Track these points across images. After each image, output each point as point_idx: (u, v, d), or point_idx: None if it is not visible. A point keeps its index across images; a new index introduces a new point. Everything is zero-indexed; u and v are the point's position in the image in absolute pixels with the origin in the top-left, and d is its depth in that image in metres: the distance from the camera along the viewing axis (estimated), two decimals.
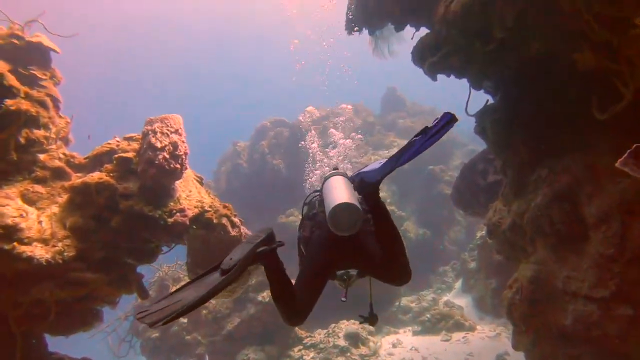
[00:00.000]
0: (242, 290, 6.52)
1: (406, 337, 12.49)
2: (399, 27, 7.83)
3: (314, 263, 2.71)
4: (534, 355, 5.93)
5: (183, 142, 5.75)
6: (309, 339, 11.74)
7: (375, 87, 27.71)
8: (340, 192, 2.58)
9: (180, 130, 5.71)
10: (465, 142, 23.84)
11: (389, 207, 17.17)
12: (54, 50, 7.11)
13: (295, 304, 2.45)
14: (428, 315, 12.71)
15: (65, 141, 7.08)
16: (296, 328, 11.50)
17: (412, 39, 7.52)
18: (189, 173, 6.44)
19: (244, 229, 6.46)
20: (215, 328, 12.11)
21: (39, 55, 6.98)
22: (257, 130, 21.53)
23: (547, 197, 6.33)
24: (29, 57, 6.88)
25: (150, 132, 5.50)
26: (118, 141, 6.12)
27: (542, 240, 6.48)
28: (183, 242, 6.14)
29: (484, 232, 13.52)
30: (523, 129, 6.92)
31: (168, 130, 5.54)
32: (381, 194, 2.85)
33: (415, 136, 2.54)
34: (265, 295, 11.85)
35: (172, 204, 5.60)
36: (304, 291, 2.54)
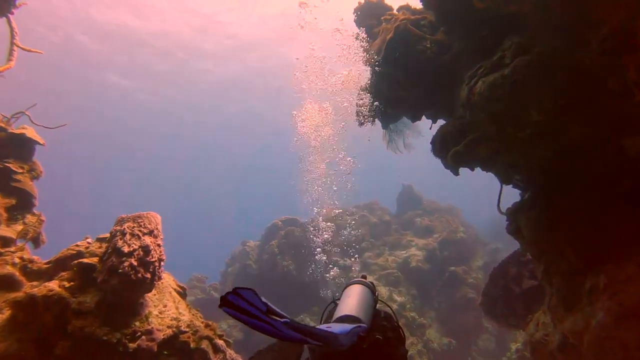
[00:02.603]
0: None
1: None
2: (415, 117, 7.16)
3: None
4: None
5: (159, 245, 4.76)
6: None
7: (390, 185, 27.24)
8: (347, 303, 2.45)
9: (156, 232, 4.76)
10: (487, 241, 22.64)
11: (409, 314, 15.63)
12: (38, 143, 6.53)
13: None
14: None
15: (36, 241, 6.21)
16: None
17: (430, 129, 6.82)
18: (167, 283, 5.37)
19: (230, 353, 5.21)
20: None
21: (20, 147, 6.40)
22: (267, 230, 20.73)
23: (612, 314, 5.11)
24: (9, 149, 6.29)
25: (118, 233, 4.56)
26: (89, 242, 5.18)
27: None
28: None
29: (519, 344, 11.96)
30: (568, 228, 5.84)
31: (140, 231, 4.60)
32: (399, 299, 2.60)
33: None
34: None
35: (137, 323, 4.47)
36: None
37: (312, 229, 18.82)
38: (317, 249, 18.29)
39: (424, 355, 14.82)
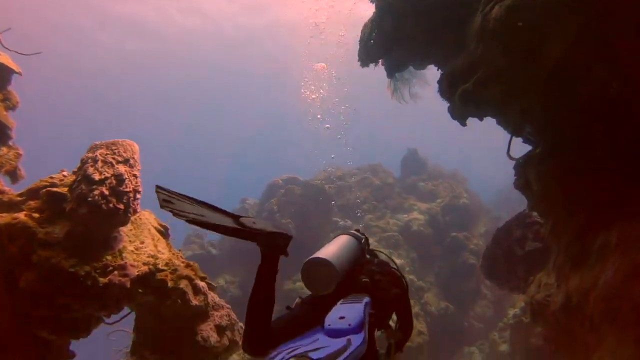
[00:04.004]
0: None
1: None
2: (423, 59, 6.60)
3: (295, 315, 2.41)
4: None
5: (135, 176, 4.35)
6: None
7: (395, 148, 26.71)
8: (325, 248, 2.41)
9: (132, 161, 4.34)
10: (489, 209, 22.34)
11: (407, 276, 15.55)
12: (14, 71, 6.06)
13: (267, 328, 2.15)
14: None
15: (13, 176, 5.85)
16: None
17: (438, 70, 6.31)
18: (146, 219, 5.01)
19: (212, 297, 4.91)
20: None
21: None
22: (268, 188, 20.49)
23: (622, 271, 4.74)
24: None
25: (89, 160, 4.15)
26: (65, 175, 4.79)
27: (616, 331, 4.77)
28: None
29: (517, 309, 11.76)
30: (580, 182, 5.42)
31: (114, 159, 4.18)
32: (399, 261, 2.66)
33: None
34: None
35: (109, 257, 4.12)
36: (285, 327, 2.23)
37: (312, 186, 18.60)
38: (317, 208, 18.13)
39: (421, 318, 14.73)
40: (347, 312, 2.00)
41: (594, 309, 4.86)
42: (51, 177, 4.82)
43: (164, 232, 5.24)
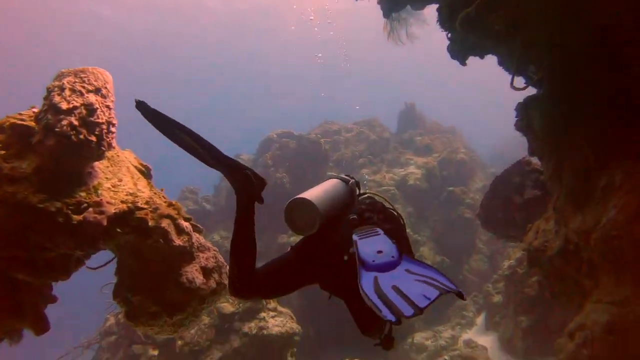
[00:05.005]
0: (185, 326, 4.70)
1: None
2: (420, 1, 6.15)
3: (283, 259, 2.43)
4: None
5: (108, 107, 3.99)
6: None
7: (393, 103, 26.25)
8: (310, 190, 2.32)
9: (104, 91, 3.96)
10: (487, 165, 22.23)
11: None
12: None
13: (249, 270, 2.19)
14: (446, 357, 11.21)
15: None
16: None
17: (437, 9, 5.87)
18: (125, 157, 4.69)
19: (197, 238, 4.68)
20: None
21: None
22: (262, 143, 20.25)
23: (625, 211, 4.59)
24: None
25: (55, 88, 3.80)
26: (35, 112, 4.44)
27: (615, 272, 4.69)
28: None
29: (512, 261, 11.78)
30: (587, 123, 5.17)
31: (84, 87, 3.81)
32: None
33: None
34: (253, 326, 10.03)
35: (83, 194, 3.84)
36: (270, 270, 2.35)
37: (307, 140, 18.31)
38: (312, 163, 17.90)
39: None
40: (379, 246, 1.97)
41: (594, 250, 4.69)
42: (20, 114, 4.45)
43: (146, 172, 4.92)
